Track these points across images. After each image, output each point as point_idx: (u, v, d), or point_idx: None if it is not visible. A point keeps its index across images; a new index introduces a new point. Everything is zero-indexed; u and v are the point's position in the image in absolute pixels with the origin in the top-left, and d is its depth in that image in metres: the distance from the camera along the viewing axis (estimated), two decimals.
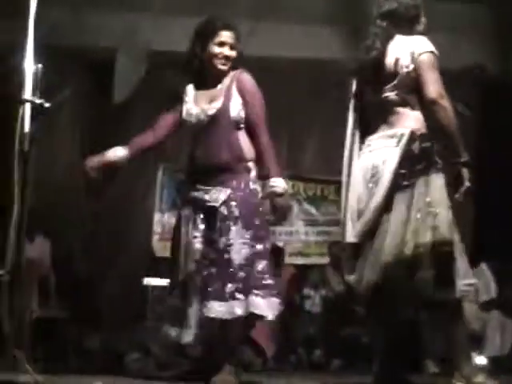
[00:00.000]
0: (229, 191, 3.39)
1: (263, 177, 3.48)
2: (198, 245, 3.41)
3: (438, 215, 2.97)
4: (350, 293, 3.20)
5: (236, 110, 3.44)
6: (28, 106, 2.29)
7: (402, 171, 3.03)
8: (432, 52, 3.11)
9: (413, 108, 3.15)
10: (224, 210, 3.37)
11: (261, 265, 3.36)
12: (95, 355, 6.19)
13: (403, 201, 3.01)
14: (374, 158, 3.14)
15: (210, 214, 3.40)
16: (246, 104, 3.45)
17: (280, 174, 3.46)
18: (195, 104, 3.52)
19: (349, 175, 3.25)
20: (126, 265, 7.62)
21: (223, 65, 3.48)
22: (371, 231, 3.07)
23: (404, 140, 3.06)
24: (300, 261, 8.18)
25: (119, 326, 6.52)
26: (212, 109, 3.45)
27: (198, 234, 3.42)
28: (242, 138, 3.48)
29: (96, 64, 7.84)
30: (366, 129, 3.28)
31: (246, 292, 3.30)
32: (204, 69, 3.53)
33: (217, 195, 3.40)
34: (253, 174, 3.49)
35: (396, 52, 3.15)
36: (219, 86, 3.50)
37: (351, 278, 3.14)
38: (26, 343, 5.37)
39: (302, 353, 7.00)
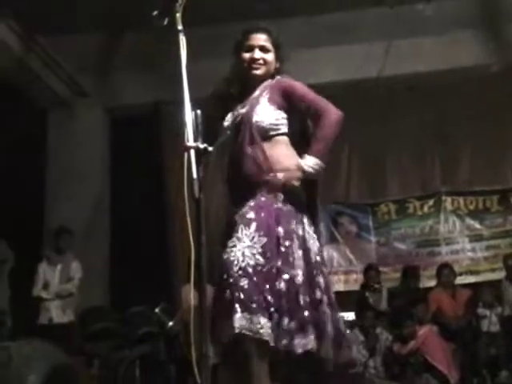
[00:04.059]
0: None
1: None
2: None
3: None
4: None
5: (263, 115, 3.01)
6: (192, 153, 2.28)
7: None
8: None
9: None
10: None
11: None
12: None
13: None
14: None
15: None
16: (291, 98, 3.04)
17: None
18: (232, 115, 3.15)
19: None
20: None
21: (255, 69, 3.11)
22: None
23: None
24: (470, 279, 7.80)
25: None
26: (239, 115, 3.08)
27: None
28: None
29: None
30: None
31: None
32: (245, 80, 3.19)
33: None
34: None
35: None
36: (255, 94, 3.11)
37: None
38: None
39: (486, 375, 6.63)
